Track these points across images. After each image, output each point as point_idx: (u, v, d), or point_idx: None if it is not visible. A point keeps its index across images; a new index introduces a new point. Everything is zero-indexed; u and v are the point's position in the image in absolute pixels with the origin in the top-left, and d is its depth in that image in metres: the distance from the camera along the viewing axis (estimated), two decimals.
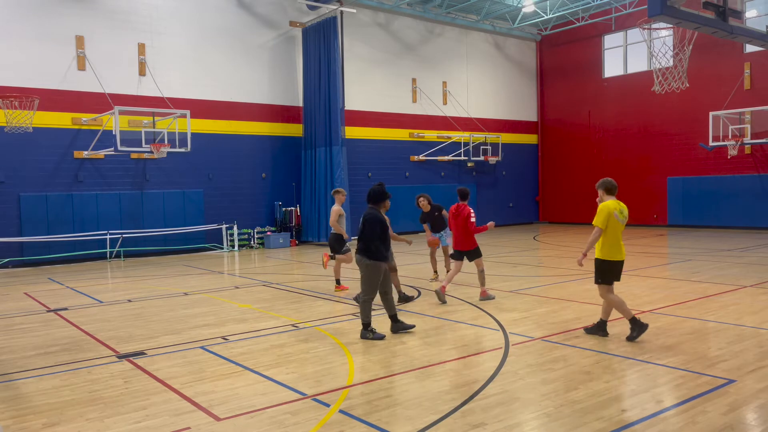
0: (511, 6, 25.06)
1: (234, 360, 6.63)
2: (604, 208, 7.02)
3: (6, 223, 16.37)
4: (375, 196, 7.57)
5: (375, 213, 7.50)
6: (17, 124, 15.12)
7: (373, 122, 23.46)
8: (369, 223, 7.39)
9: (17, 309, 10.16)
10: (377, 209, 7.59)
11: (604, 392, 5.35)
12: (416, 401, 5.22)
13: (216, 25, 19.85)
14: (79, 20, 17.44)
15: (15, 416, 5.10)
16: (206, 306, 9.99)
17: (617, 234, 7.03)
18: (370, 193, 7.62)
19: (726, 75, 22.49)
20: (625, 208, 7.21)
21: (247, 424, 4.81)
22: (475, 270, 10.06)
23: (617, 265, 7.09)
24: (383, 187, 7.70)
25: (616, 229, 7.00)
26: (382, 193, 7.59)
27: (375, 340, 7.28)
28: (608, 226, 6.99)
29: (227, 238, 19.70)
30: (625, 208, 7.19)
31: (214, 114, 19.80)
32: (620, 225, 7.04)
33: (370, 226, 7.38)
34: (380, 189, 7.62)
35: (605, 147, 26.70)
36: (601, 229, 7.01)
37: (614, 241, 7.02)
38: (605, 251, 7.05)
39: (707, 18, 7.48)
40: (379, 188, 7.62)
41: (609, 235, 7.01)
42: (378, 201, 7.57)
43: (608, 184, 7.21)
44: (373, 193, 7.58)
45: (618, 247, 7.05)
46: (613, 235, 7.01)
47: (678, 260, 14.59)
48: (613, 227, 6.99)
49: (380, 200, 7.57)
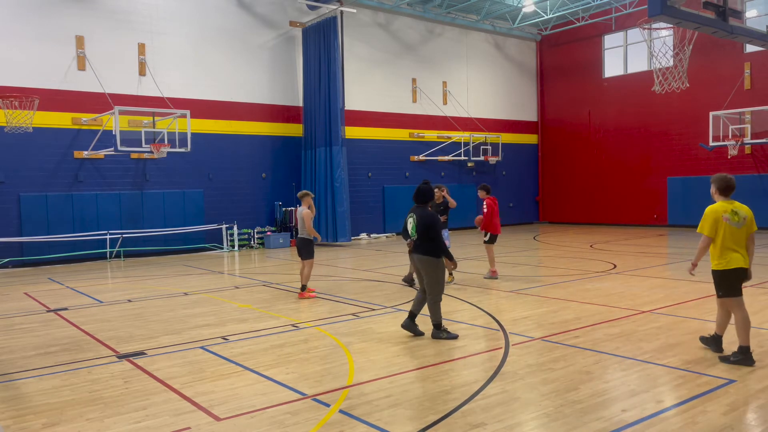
0: (511, 6, 25.06)
1: (234, 360, 6.63)
2: (710, 213, 6.07)
3: (6, 223, 16.37)
4: (424, 194, 7.55)
5: (432, 212, 7.52)
6: (17, 124, 15.13)
7: (373, 122, 23.46)
8: (434, 222, 7.34)
9: (17, 309, 10.16)
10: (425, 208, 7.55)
11: (604, 392, 5.35)
12: (416, 401, 5.22)
13: (216, 25, 19.85)
14: (79, 20, 17.44)
15: (15, 416, 5.10)
16: (206, 306, 9.99)
17: (735, 238, 6.04)
18: (418, 192, 7.57)
19: (726, 75, 22.48)
20: (743, 208, 6.12)
21: (247, 424, 4.80)
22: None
23: (739, 273, 6.09)
24: (430, 184, 7.74)
25: (733, 234, 6.02)
26: (430, 191, 7.58)
27: (449, 340, 7.23)
28: (718, 231, 6.05)
29: (227, 238, 19.70)
30: (742, 209, 6.11)
31: (214, 114, 19.80)
32: (734, 229, 6.02)
33: (435, 225, 7.32)
34: (428, 187, 7.61)
35: (605, 147, 26.70)
36: (709, 237, 6.10)
37: (731, 247, 6.04)
38: (723, 261, 6.08)
39: (707, 18, 7.47)
40: (426, 187, 7.61)
41: (723, 240, 6.05)
42: (428, 200, 7.57)
43: (722, 182, 6.17)
44: (422, 192, 7.55)
45: (737, 253, 6.05)
46: (728, 240, 6.03)
47: (678, 260, 14.58)
48: (725, 232, 6.02)
49: (430, 199, 7.57)
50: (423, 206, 7.55)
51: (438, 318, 7.40)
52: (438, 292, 7.41)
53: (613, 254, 15.69)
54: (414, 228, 7.44)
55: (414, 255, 7.57)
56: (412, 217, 7.53)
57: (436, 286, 7.39)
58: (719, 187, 6.16)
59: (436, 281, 7.38)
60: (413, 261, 7.75)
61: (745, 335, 6.00)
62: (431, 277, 7.39)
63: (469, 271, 13.31)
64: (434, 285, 7.40)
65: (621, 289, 10.56)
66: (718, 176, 6.24)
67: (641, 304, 9.16)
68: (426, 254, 7.35)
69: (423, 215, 7.41)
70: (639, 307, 8.92)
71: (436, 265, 7.34)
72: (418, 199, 7.58)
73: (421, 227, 7.37)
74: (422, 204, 7.56)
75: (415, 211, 7.52)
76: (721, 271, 6.11)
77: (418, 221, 7.39)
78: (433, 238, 7.31)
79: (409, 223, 7.56)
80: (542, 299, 9.71)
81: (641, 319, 8.17)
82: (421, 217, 7.40)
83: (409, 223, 7.55)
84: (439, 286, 7.41)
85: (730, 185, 6.13)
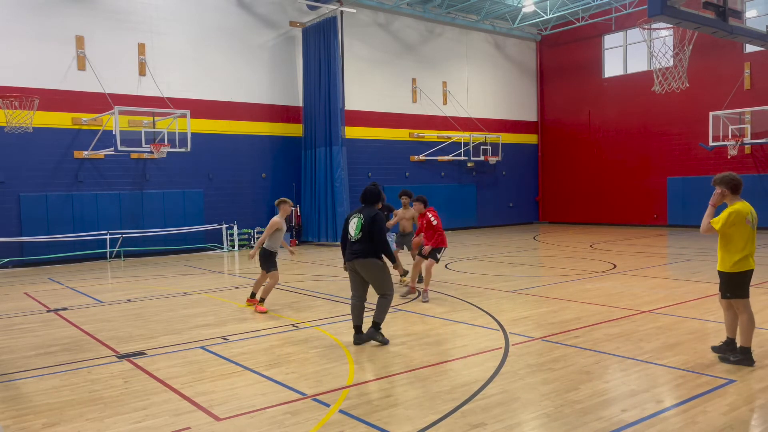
0: (511, 6, 25.06)
1: (234, 360, 6.63)
2: (734, 214, 5.86)
3: (6, 223, 16.37)
4: (372, 196, 7.35)
5: (380, 212, 7.31)
6: (17, 124, 15.12)
7: (373, 122, 23.46)
8: (381, 222, 7.16)
9: (17, 309, 10.16)
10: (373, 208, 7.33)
11: (604, 392, 5.35)
12: (416, 401, 5.22)
13: (216, 25, 19.85)
14: (79, 20, 17.44)
15: (15, 416, 5.10)
16: (206, 306, 9.99)
17: (751, 240, 5.96)
18: (366, 193, 7.37)
19: (726, 75, 22.49)
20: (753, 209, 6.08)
21: (247, 424, 4.80)
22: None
23: (750, 275, 6.04)
24: (378, 187, 7.48)
25: (750, 236, 5.93)
26: (378, 193, 7.38)
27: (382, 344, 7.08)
28: (737, 233, 5.91)
29: (227, 238, 19.70)
30: (754, 211, 6.06)
31: (214, 114, 19.80)
32: (751, 231, 5.93)
33: (381, 225, 7.14)
34: (376, 189, 7.41)
35: (605, 147, 26.70)
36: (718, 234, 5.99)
37: (749, 249, 5.95)
38: (739, 263, 5.95)
39: (707, 18, 7.47)
40: (374, 188, 7.40)
41: (744, 243, 5.92)
42: (376, 201, 7.36)
43: (733, 181, 5.98)
44: (370, 194, 7.35)
45: (751, 255, 5.99)
46: (749, 242, 5.94)
47: (678, 260, 14.59)
48: (745, 235, 5.92)
49: (377, 201, 7.37)
50: (370, 207, 7.30)
51: (382, 317, 7.19)
52: (390, 289, 7.21)
53: (613, 254, 15.69)
54: (358, 228, 7.13)
55: (354, 261, 7.13)
56: (357, 217, 7.21)
57: (387, 284, 7.17)
58: (731, 186, 5.95)
59: (383, 280, 7.15)
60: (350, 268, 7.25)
61: (747, 336, 5.99)
62: (378, 278, 7.13)
63: (469, 271, 13.31)
64: (384, 284, 7.16)
65: (621, 289, 10.57)
66: (725, 176, 6.02)
67: (641, 304, 9.17)
68: (367, 257, 7.05)
69: (370, 214, 7.16)
70: (639, 307, 8.92)
71: (381, 267, 7.11)
72: (365, 199, 7.34)
73: (366, 226, 7.09)
74: (370, 205, 7.32)
75: (362, 210, 7.27)
76: (736, 273, 5.98)
77: (365, 220, 7.11)
78: (376, 239, 7.06)
79: (353, 223, 7.23)
80: (542, 299, 9.71)
81: (641, 319, 8.17)
82: (368, 216, 7.14)
83: (353, 224, 7.22)
84: (390, 283, 7.22)
85: (740, 183, 5.98)
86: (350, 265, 7.24)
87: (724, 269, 6.06)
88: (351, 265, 7.23)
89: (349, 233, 7.26)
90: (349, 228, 7.27)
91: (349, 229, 7.28)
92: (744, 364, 5.93)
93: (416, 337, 7.45)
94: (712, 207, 6.05)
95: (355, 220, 7.25)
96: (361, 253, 7.10)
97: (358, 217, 7.24)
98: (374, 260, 7.11)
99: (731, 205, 5.95)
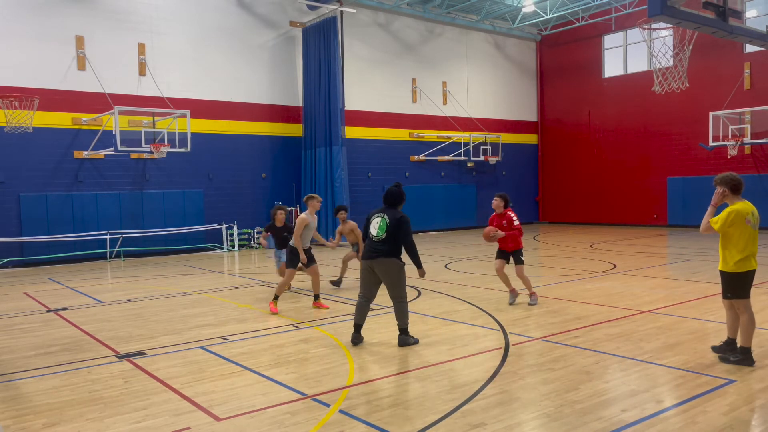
0: (511, 6, 25.06)
1: (234, 360, 6.63)
2: (733, 213, 5.84)
3: (6, 223, 16.37)
4: (394, 197, 7.29)
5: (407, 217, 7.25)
6: (17, 124, 15.12)
7: (373, 122, 23.46)
8: (408, 227, 7.11)
9: (17, 309, 10.16)
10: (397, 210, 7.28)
11: (604, 392, 5.35)
12: (416, 401, 5.22)
13: (216, 25, 19.85)
14: (79, 20, 17.44)
15: (15, 416, 5.10)
16: (206, 306, 9.99)
17: (753, 240, 5.94)
18: (388, 194, 7.31)
19: (726, 75, 22.49)
20: (755, 208, 6.05)
21: (247, 424, 4.80)
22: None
23: (752, 275, 6.02)
24: (401, 188, 7.43)
25: (751, 236, 5.92)
26: (401, 194, 7.33)
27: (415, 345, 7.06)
28: (737, 233, 5.89)
29: (227, 238, 19.70)
30: (755, 209, 6.04)
31: (214, 114, 19.80)
32: (752, 231, 5.92)
33: (407, 228, 7.11)
34: (399, 190, 7.35)
35: (605, 147, 26.71)
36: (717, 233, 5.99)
37: (750, 250, 5.92)
38: (740, 264, 5.93)
39: (707, 18, 7.47)
40: (397, 189, 7.35)
41: (745, 243, 5.89)
42: (398, 203, 7.31)
43: (734, 180, 5.96)
44: (392, 195, 7.29)
45: (753, 255, 5.97)
46: (750, 243, 5.91)
47: (678, 260, 14.59)
48: (746, 235, 5.89)
49: (400, 202, 7.32)
50: (393, 209, 7.26)
51: (406, 322, 7.18)
52: (404, 293, 7.21)
53: (613, 254, 15.69)
54: (382, 228, 7.08)
55: (374, 260, 7.09)
56: (381, 218, 7.15)
57: (402, 287, 7.18)
58: (732, 186, 5.93)
59: (399, 283, 7.14)
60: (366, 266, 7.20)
61: (747, 336, 5.98)
62: (395, 279, 7.11)
63: (469, 271, 13.31)
64: (399, 287, 7.15)
65: (621, 289, 10.57)
66: (726, 176, 5.99)
67: (641, 304, 9.16)
68: (389, 256, 7.04)
69: (395, 216, 7.14)
70: (639, 307, 8.92)
71: (401, 268, 7.12)
72: (388, 201, 7.30)
73: (392, 228, 7.06)
74: (392, 206, 7.28)
75: (385, 211, 7.23)
76: (737, 273, 5.96)
77: (390, 221, 7.09)
78: (403, 241, 7.06)
79: (375, 222, 7.18)
80: (542, 299, 9.70)
81: (641, 319, 8.17)
82: (393, 218, 7.11)
83: (375, 223, 7.18)
84: (404, 287, 7.22)
85: (741, 183, 5.96)
86: (368, 263, 7.20)
87: (725, 269, 6.06)
88: (369, 263, 7.19)
89: (370, 232, 7.25)
90: (371, 228, 7.26)
91: (370, 229, 7.26)
92: (744, 364, 5.93)
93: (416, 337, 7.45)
94: (713, 206, 6.06)
95: (378, 219, 7.21)
96: (383, 253, 7.07)
97: (381, 217, 7.19)
98: (396, 260, 7.12)
99: (731, 205, 5.95)
